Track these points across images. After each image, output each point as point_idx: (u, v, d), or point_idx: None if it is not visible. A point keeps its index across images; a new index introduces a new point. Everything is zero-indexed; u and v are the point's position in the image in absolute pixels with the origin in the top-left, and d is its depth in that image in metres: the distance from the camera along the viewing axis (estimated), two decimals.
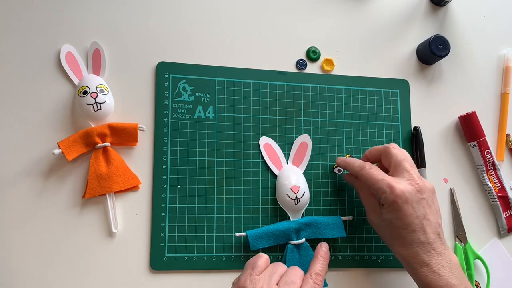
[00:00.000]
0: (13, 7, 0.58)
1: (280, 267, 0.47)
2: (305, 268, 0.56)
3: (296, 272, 0.46)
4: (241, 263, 0.56)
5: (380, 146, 0.57)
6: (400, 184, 0.51)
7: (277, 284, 0.44)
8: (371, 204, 0.55)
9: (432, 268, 0.49)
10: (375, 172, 0.53)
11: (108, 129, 0.55)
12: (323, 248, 0.53)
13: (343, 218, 0.59)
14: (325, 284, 0.57)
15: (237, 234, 0.56)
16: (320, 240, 0.58)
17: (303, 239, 0.57)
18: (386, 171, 0.55)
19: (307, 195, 0.58)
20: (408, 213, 0.50)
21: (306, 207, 0.58)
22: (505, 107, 0.67)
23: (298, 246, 0.57)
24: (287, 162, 0.60)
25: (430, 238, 0.50)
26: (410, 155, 0.63)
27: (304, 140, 0.61)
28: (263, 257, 0.47)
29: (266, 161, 0.59)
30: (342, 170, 0.61)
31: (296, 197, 0.57)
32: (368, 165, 0.54)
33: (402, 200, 0.50)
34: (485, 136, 0.64)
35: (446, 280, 0.48)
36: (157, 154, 0.57)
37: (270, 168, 0.59)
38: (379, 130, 0.63)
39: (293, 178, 0.58)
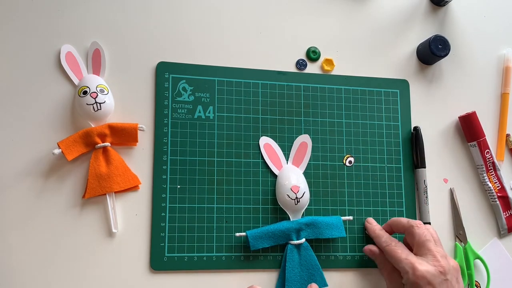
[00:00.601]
0: (13, 7, 0.58)
1: None
2: (305, 268, 0.56)
3: None
4: (241, 263, 0.56)
5: (404, 220, 0.56)
6: (423, 266, 0.50)
7: None
8: (394, 281, 0.54)
9: None
10: (399, 250, 0.53)
11: (108, 129, 0.55)
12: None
13: (343, 218, 0.59)
14: (325, 284, 0.57)
15: (237, 234, 0.56)
16: (321, 240, 0.58)
17: (303, 239, 0.57)
18: (410, 248, 0.54)
19: (307, 195, 0.58)
20: None
21: (306, 207, 0.58)
22: (505, 107, 0.67)
23: (298, 246, 0.57)
24: (287, 162, 0.60)
25: None
26: (410, 155, 0.63)
27: (304, 140, 0.61)
28: None
29: (266, 161, 0.59)
30: (353, 161, 0.61)
31: (296, 197, 0.57)
32: (394, 242, 0.54)
33: (424, 282, 0.49)
34: (485, 136, 0.64)
35: None
36: (157, 154, 0.57)
37: (270, 168, 0.59)
38: (379, 130, 0.63)
39: (293, 178, 0.58)
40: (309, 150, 0.61)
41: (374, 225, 0.58)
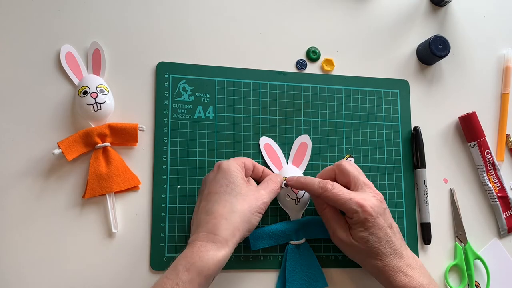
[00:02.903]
0: (13, 7, 0.58)
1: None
2: (305, 268, 0.56)
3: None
4: (241, 263, 0.56)
5: (330, 166, 0.56)
6: (368, 201, 0.51)
7: None
8: (340, 223, 0.53)
9: (405, 271, 0.50)
10: (340, 191, 0.51)
11: (108, 129, 0.55)
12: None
13: None
14: (325, 284, 0.56)
15: None
16: (320, 240, 0.58)
17: (304, 239, 0.57)
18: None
19: (307, 195, 0.58)
20: (380, 226, 0.51)
21: (306, 207, 0.58)
22: (505, 107, 0.67)
23: (298, 246, 0.57)
24: (287, 162, 0.60)
25: (398, 244, 0.52)
26: (410, 155, 0.63)
27: (304, 140, 0.61)
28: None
29: (266, 161, 0.59)
30: (353, 161, 0.60)
31: (297, 197, 0.57)
32: (330, 185, 0.52)
33: (373, 216, 0.50)
34: (485, 136, 0.64)
35: (417, 281, 0.50)
36: (157, 154, 0.57)
37: (270, 168, 0.59)
38: (379, 130, 0.63)
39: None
40: (309, 150, 0.61)
41: (295, 178, 0.55)
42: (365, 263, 0.53)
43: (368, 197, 0.52)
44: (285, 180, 0.56)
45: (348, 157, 0.61)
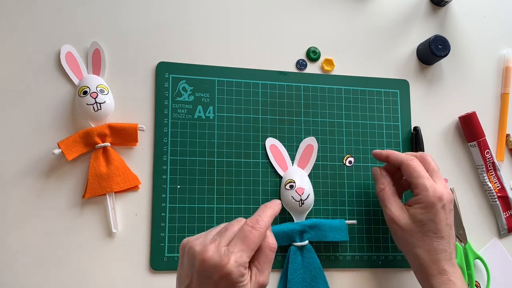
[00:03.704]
0: (13, 7, 0.58)
1: (222, 224, 0.44)
2: (307, 270, 0.56)
3: (235, 222, 0.43)
4: None
5: (409, 153, 0.56)
6: (442, 188, 0.50)
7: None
8: (397, 202, 0.53)
9: (449, 277, 0.49)
10: (421, 167, 0.52)
11: (108, 129, 0.55)
12: (273, 201, 0.48)
13: (348, 222, 0.58)
14: (326, 285, 0.56)
15: None
16: (323, 242, 0.58)
17: (306, 241, 0.57)
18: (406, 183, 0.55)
19: (311, 197, 0.58)
20: (443, 219, 0.50)
21: (310, 209, 0.58)
22: (505, 107, 0.67)
23: (301, 248, 0.56)
24: (292, 164, 0.60)
25: (451, 248, 0.51)
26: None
27: (310, 142, 0.60)
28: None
29: (272, 163, 0.59)
30: (353, 162, 0.61)
31: (301, 199, 0.57)
32: (415, 160, 0.53)
33: (441, 204, 0.50)
34: (485, 136, 0.64)
35: None
36: (157, 154, 0.57)
37: (270, 169, 0.59)
38: (379, 130, 0.63)
39: (298, 180, 0.58)
40: (315, 152, 0.60)
41: (383, 151, 0.57)
42: (411, 252, 0.52)
43: (443, 187, 0.51)
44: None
45: (348, 157, 0.61)
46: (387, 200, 0.54)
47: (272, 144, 0.60)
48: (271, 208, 0.46)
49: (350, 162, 0.62)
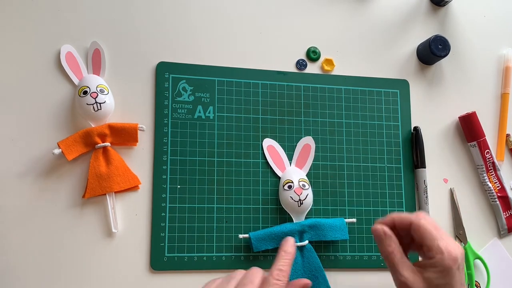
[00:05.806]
0: (13, 7, 0.58)
1: (239, 272, 0.43)
2: (308, 270, 0.56)
3: (254, 271, 0.42)
4: (241, 263, 0.56)
5: (405, 213, 0.51)
6: (455, 248, 0.46)
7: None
8: (407, 265, 0.47)
9: None
10: (431, 226, 0.47)
11: (108, 129, 0.55)
12: (288, 242, 0.46)
13: (347, 220, 0.59)
14: (328, 287, 0.56)
15: (240, 236, 0.56)
16: (323, 242, 0.58)
17: (306, 241, 0.57)
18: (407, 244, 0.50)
19: (310, 197, 0.58)
20: (458, 280, 0.46)
21: (309, 209, 0.58)
22: (505, 107, 0.67)
23: (301, 248, 0.56)
24: (290, 164, 0.60)
25: None
26: (410, 155, 0.63)
27: (307, 142, 0.60)
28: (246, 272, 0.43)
29: (270, 163, 0.59)
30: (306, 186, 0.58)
31: (299, 199, 0.57)
32: (427, 219, 0.48)
33: (456, 266, 0.45)
34: (485, 136, 0.64)
35: None
36: (157, 154, 0.57)
37: (270, 169, 0.59)
38: (379, 130, 0.63)
39: (296, 180, 0.58)
40: (313, 152, 0.60)
41: (385, 219, 0.50)
42: None
43: (454, 244, 0.46)
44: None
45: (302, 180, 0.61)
46: (398, 265, 0.48)
47: (269, 145, 0.60)
48: (290, 254, 0.45)
49: (303, 185, 0.58)
